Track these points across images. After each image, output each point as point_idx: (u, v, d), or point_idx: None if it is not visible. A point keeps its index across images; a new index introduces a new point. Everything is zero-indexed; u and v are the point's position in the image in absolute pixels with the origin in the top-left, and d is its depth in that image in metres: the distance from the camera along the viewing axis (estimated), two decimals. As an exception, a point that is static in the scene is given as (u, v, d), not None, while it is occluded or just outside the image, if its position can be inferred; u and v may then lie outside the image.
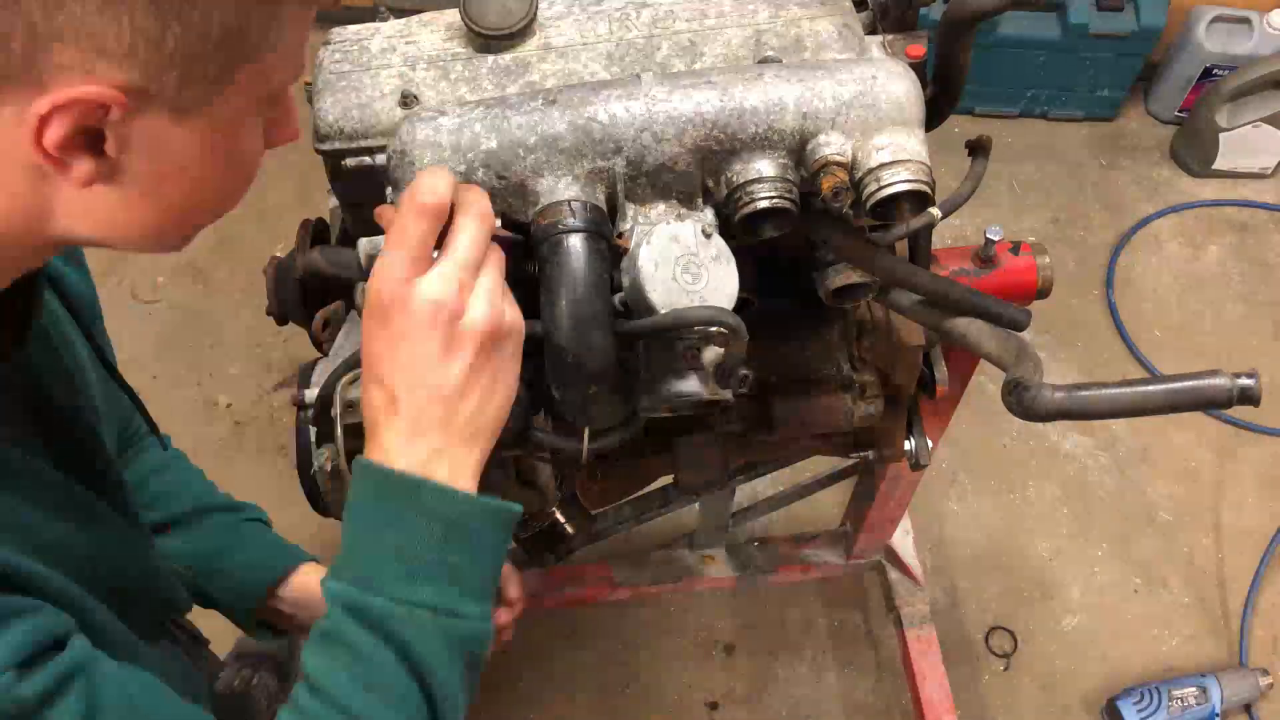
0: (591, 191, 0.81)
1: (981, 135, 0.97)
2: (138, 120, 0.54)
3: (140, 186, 0.57)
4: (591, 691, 2.03)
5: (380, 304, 0.63)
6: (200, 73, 0.55)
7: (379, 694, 0.63)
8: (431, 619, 0.64)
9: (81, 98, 0.51)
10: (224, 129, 0.59)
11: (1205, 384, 0.72)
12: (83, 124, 0.53)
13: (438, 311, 0.63)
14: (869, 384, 1.07)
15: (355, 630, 0.64)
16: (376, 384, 0.65)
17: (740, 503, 1.83)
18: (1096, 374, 2.41)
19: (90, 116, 0.53)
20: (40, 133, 0.52)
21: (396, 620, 0.63)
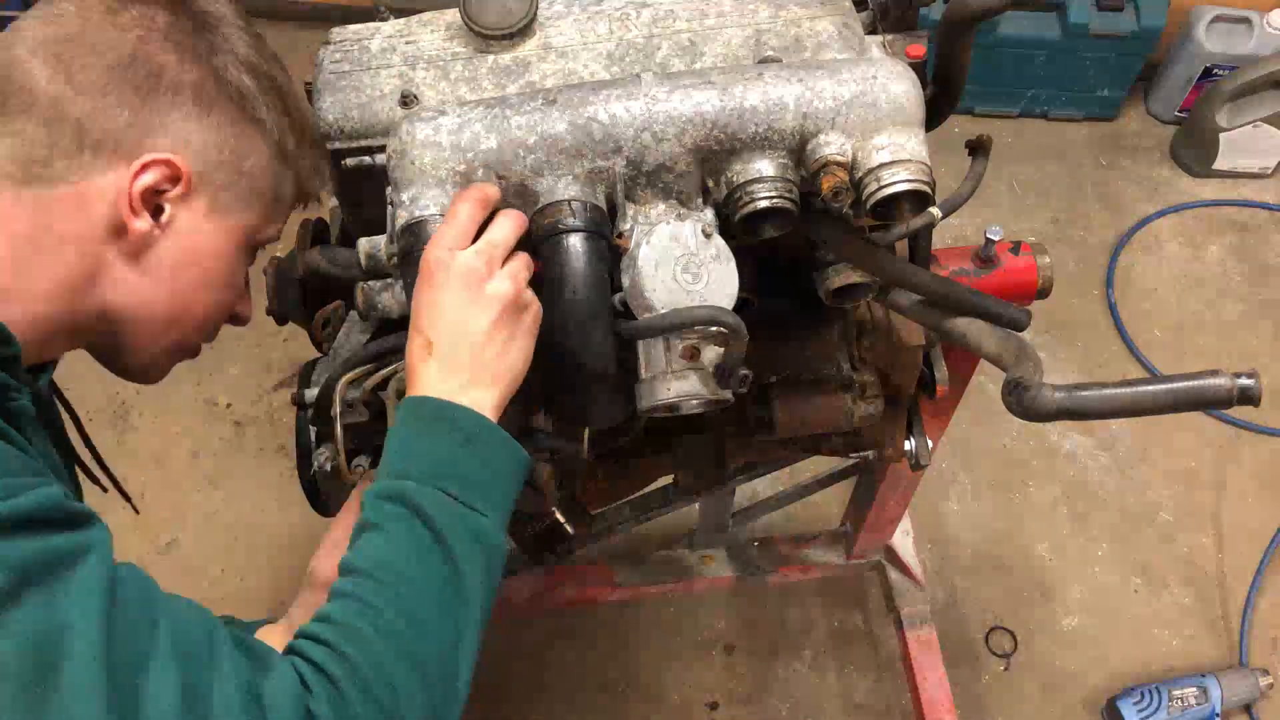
0: (591, 191, 0.81)
1: (982, 135, 0.97)
2: (186, 204, 0.74)
3: (168, 265, 0.74)
4: (591, 691, 2.03)
5: (427, 267, 0.76)
6: (240, 189, 0.77)
7: (411, 556, 0.69)
8: (454, 504, 0.72)
9: (172, 161, 0.72)
10: (233, 243, 0.78)
11: (1205, 384, 0.72)
12: (159, 185, 0.72)
13: (469, 274, 0.75)
14: (869, 384, 1.07)
15: (386, 508, 0.71)
16: (418, 332, 0.76)
17: (740, 503, 1.83)
18: (1096, 374, 2.41)
19: (165, 180, 0.72)
20: (137, 175, 0.71)
21: (424, 497, 0.71)
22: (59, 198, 0.70)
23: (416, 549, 0.69)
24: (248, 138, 0.77)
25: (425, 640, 0.67)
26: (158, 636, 0.58)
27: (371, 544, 0.70)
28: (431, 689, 0.66)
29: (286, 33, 2.88)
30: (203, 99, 0.74)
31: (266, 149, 0.78)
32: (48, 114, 0.69)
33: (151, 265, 0.74)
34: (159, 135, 0.72)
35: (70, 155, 0.70)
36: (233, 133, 0.76)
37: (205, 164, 0.74)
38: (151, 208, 0.72)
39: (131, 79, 0.71)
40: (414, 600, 0.68)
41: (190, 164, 0.73)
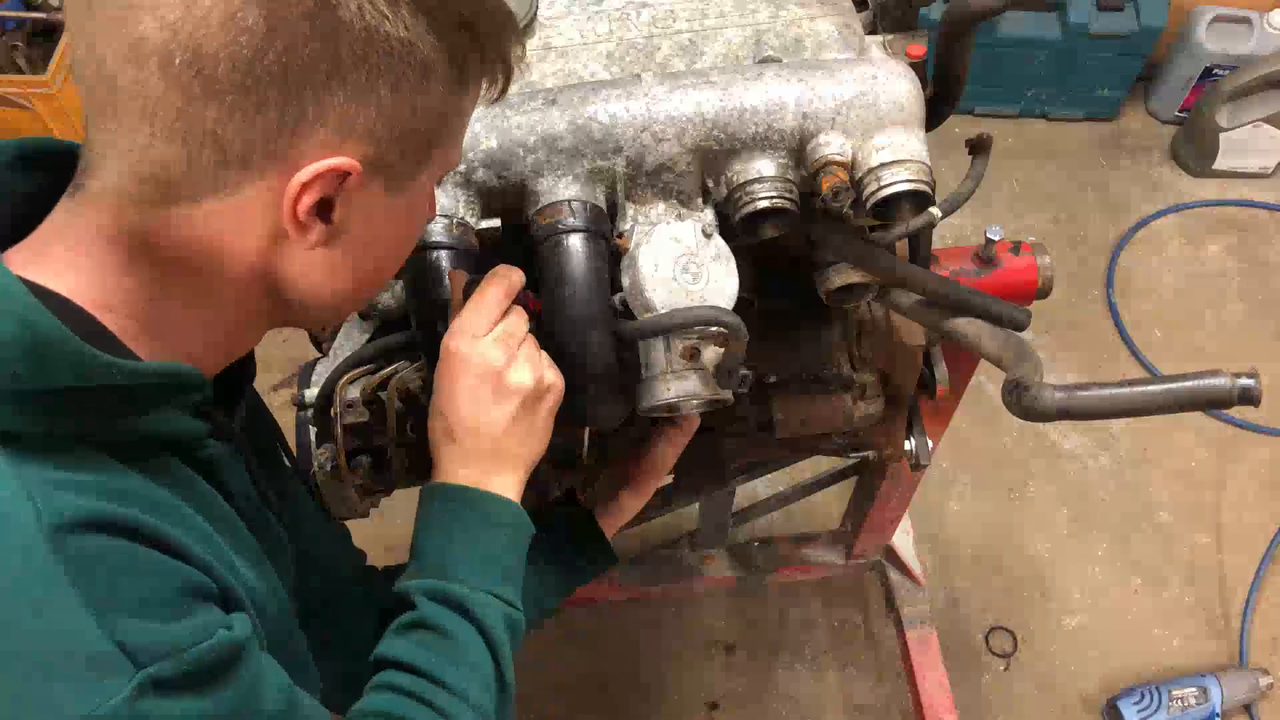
0: (591, 191, 0.81)
1: (982, 134, 0.97)
2: (362, 191, 0.62)
3: (350, 251, 0.65)
4: (591, 691, 2.03)
5: (449, 357, 0.77)
6: (414, 149, 0.64)
7: (466, 668, 0.74)
8: (499, 604, 0.76)
9: (336, 168, 0.59)
10: (418, 200, 0.69)
11: (1205, 384, 0.72)
12: (326, 193, 0.60)
13: (489, 368, 0.76)
14: (869, 384, 1.07)
15: (440, 612, 0.74)
16: (440, 416, 0.79)
17: (740, 503, 1.83)
18: (1096, 374, 2.41)
19: (332, 185, 0.60)
20: (298, 200, 0.59)
21: (474, 602, 0.75)
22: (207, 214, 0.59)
23: (475, 656, 0.75)
24: (416, 90, 0.61)
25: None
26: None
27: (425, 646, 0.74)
28: None
29: (286, 33, 2.88)
30: (355, 72, 0.58)
31: (439, 87, 0.63)
32: (174, 126, 0.56)
33: (326, 259, 0.64)
34: (316, 127, 0.58)
35: (212, 172, 0.57)
36: (398, 96, 0.60)
37: (375, 143, 0.61)
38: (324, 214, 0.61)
39: (271, 69, 0.55)
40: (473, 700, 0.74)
41: (356, 152, 0.60)
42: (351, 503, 1.00)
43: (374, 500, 1.05)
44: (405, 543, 0.81)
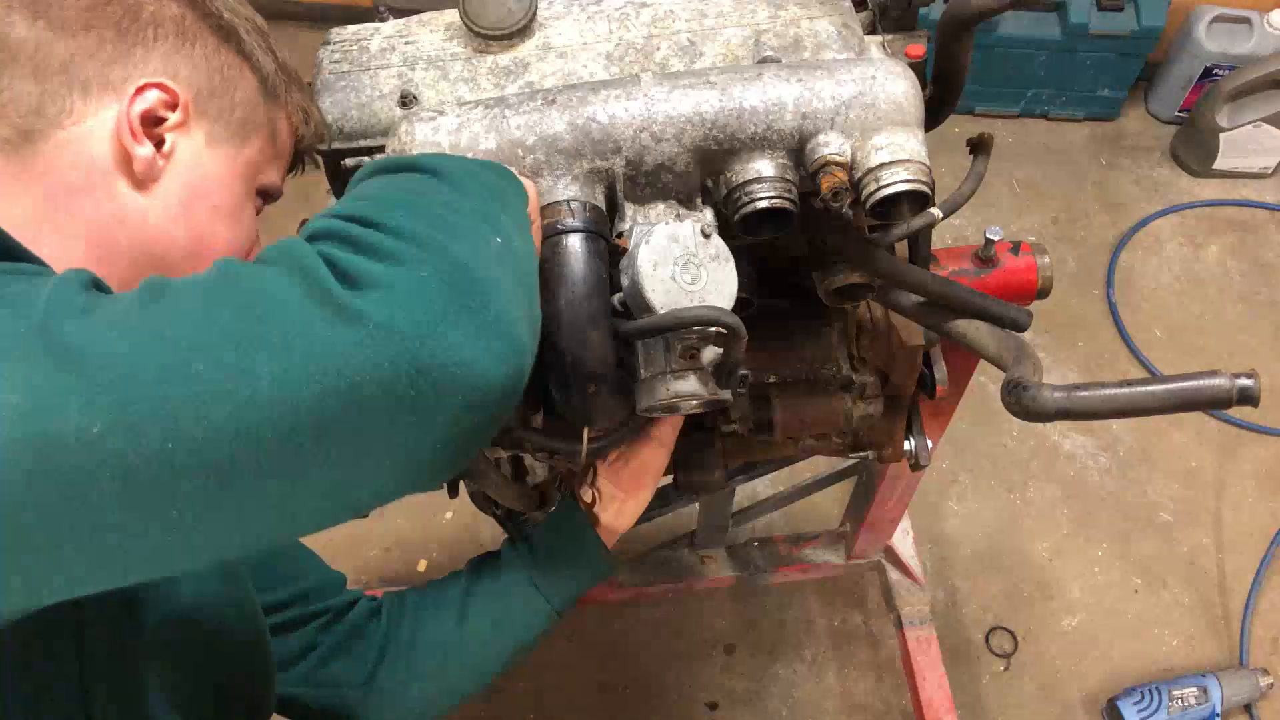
0: (590, 191, 0.81)
1: (983, 134, 0.97)
2: (186, 133, 0.71)
3: (178, 197, 0.71)
4: (591, 691, 2.03)
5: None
6: (231, 119, 0.74)
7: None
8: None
9: (166, 85, 0.70)
10: (236, 174, 0.75)
11: (1205, 384, 0.72)
12: (156, 110, 0.69)
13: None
14: (869, 384, 1.06)
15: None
16: None
17: (740, 503, 1.83)
18: (1096, 374, 2.41)
19: (163, 106, 0.70)
20: (131, 102, 0.68)
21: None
22: (58, 145, 0.67)
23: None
24: (235, 68, 0.75)
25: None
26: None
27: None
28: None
29: (286, 32, 2.89)
30: (185, 32, 0.72)
31: (255, 81, 0.77)
32: (33, 62, 0.67)
33: (162, 196, 0.71)
34: (145, 68, 0.70)
35: (60, 99, 0.67)
36: (220, 63, 0.74)
37: (197, 93, 0.72)
38: (154, 140, 0.70)
39: (110, 16, 0.69)
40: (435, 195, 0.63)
41: (182, 92, 0.71)
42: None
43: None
44: (405, 543, 0.81)
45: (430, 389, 0.52)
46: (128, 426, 0.46)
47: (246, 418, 0.48)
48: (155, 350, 0.48)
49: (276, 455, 0.49)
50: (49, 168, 0.67)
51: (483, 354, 0.54)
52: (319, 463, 0.51)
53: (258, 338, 0.49)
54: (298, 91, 0.82)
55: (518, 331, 0.58)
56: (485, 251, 0.59)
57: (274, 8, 2.90)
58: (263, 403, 0.48)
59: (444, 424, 0.54)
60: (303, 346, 0.49)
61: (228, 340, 0.49)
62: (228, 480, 0.49)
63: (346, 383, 0.50)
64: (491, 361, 0.55)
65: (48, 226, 0.67)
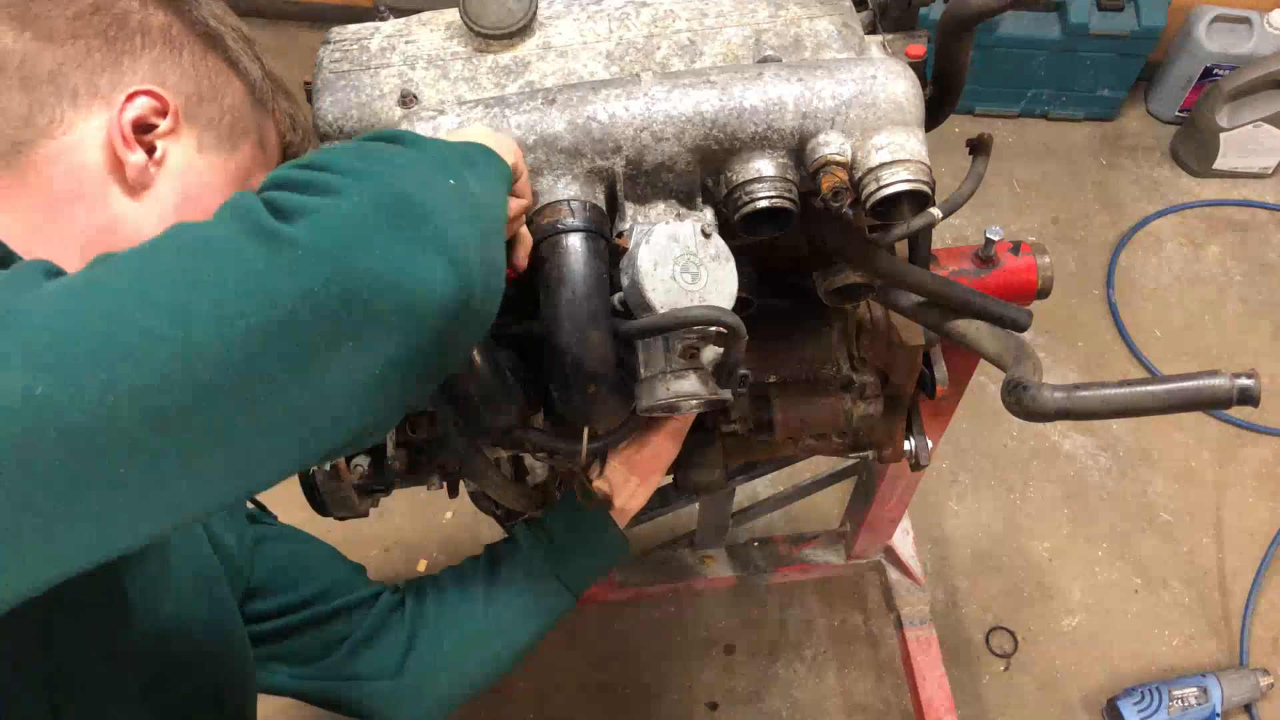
0: (591, 191, 0.81)
1: (982, 134, 0.97)
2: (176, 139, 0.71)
3: (170, 204, 0.71)
4: (591, 691, 2.03)
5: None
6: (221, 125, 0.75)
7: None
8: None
9: (156, 91, 0.70)
10: (228, 181, 0.75)
11: (1205, 384, 0.72)
12: (147, 117, 0.69)
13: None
14: (869, 384, 1.06)
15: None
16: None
17: (740, 503, 1.83)
18: (1096, 374, 2.41)
19: (153, 113, 0.70)
20: (123, 108, 0.68)
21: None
22: (49, 155, 0.67)
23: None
24: (223, 75, 0.76)
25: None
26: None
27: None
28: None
29: (286, 32, 2.88)
30: (172, 40, 0.73)
31: (242, 88, 0.77)
32: (20, 73, 0.67)
33: (155, 203, 0.71)
34: (134, 76, 0.70)
35: (49, 108, 0.67)
36: (208, 70, 0.74)
37: (186, 99, 0.72)
38: (145, 146, 0.70)
39: (97, 25, 0.69)
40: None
41: (172, 99, 0.71)
42: (351, 502, 1.00)
43: (373, 500, 1.05)
44: (406, 543, 0.81)
45: (360, 306, 0.51)
46: (67, 381, 0.45)
47: (186, 358, 0.47)
48: (94, 303, 0.47)
49: (220, 395, 0.48)
50: (41, 178, 0.67)
51: (416, 269, 0.53)
52: (265, 398, 0.49)
53: (192, 278, 0.49)
54: (284, 99, 0.82)
55: (459, 251, 0.56)
56: (434, 188, 0.58)
57: (274, 8, 2.90)
58: (200, 340, 0.47)
59: (386, 344, 0.53)
60: (235, 278, 0.49)
61: (163, 284, 0.48)
62: (174, 426, 0.47)
63: (280, 310, 0.49)
64: (426, 276, 0.54)
65: (42, 237, 0.66)
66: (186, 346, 0.47)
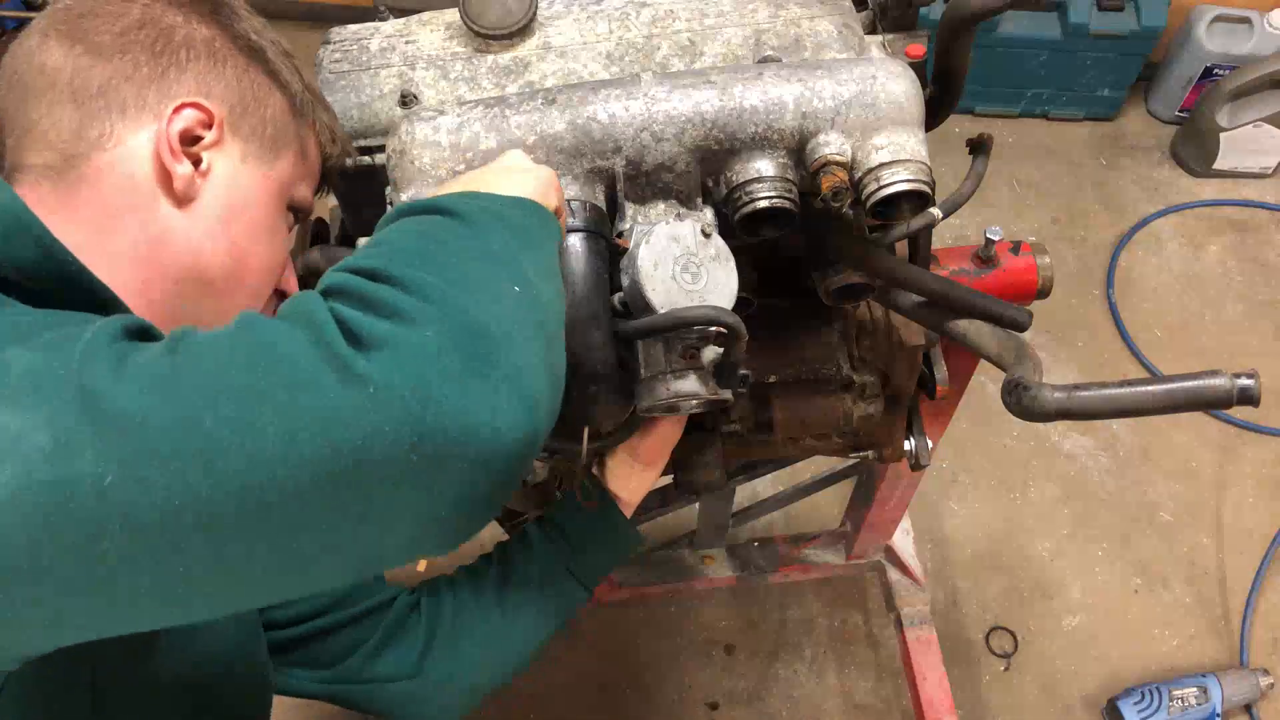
0: (591, 191, 0.81)
1: (983, 134, 0.97)
2: (222, 151, 0.73)
3: (217, 215, 0.72)
4: (591, 691, 2.03)
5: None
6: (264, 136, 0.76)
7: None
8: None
9: (202, 104, 0.71)
10: (271, 192, 0.76)
11: (1205, 384, 0.72)
12: (193, 129, 0.71)
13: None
14: (869, 384, 1.06)
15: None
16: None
17: (740, 503, 1.83)
18: (1096, 374, 2.41)
19: (199, 125, 0.71)
20: (171, 120, 0.70)
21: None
22: (99, 169, 0.69)
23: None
24: (265, 88, 0.77)
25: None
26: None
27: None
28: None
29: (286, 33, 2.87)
30: (216, 53, 0.74)
31: (284, 100, 0.79)
32: (71, 87, 0.69)
33: (202, 214, 0.72)
34: (181, 89, 0.72)
35: (100, 122, 0.69)
36: (250, 83, 0.76)
37: (230, 110, 0.74)
38: (191, 159, 0.71)
39: (144, 40, 0.71)
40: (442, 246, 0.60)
41: (216, 111, 0.73)
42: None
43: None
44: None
45: (434, 454, 0.51)
46: (137, 478, 0.47)
47: (251, 473, 0.48)
48: (168, 402, 0.48)
49: (280, 513, 0.49)
50: (93, 191, 0.69)
51: (490, 415, 0.52)
52: (325, 522, 0.51)
53: (263, 393, 0.49)
54: (324, 112, 0.83)
55: (532, 388, 0.55)
56: (501, 303, 0.57)
57: (274, 8, 2.90)
58: (267, 459, 0.48)
59: (452, 488, 0.53)
60: (307, 404, 0.49)
61: (234, 394, 0.49)
62: (233, 536, 0.49)
63: (350, 445, 0.49)
64: (501, 423, 0.53)
65: (95, 251, 0.67)
66: (253, 462, 0.48)
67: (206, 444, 0.47)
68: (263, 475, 0.48)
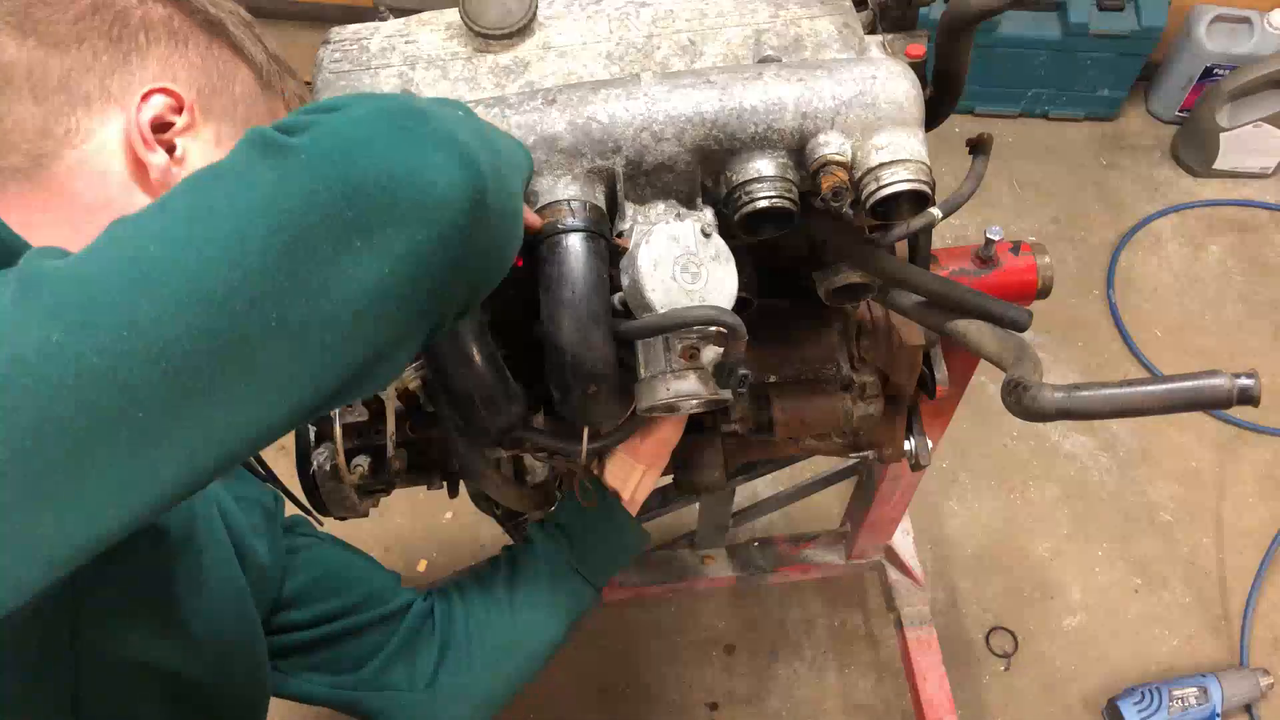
0: (591, 191, 0.81)
1: (982, 134, 0.97)
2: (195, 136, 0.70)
3: None
4: (591, 691, 2.03)
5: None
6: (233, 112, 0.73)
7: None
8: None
9: (169, 89, 0.69)
10: None
11: (1205, 384, 0.72)
12: (164, 115, 0.68)
13: None
14: (869, 384, 1.06)
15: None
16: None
17: (740, 503, 1.83)
18: (1096, 374, 2.41)
19: (170, 111, 0.69)
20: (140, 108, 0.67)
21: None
22: (70, 167, 0.66)
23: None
24: (230, 63, 0.75)
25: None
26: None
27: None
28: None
29: (286, 33, 2.88)
30: (176, 33, 0.71)
31: (251, 74, 0.76)
32: (29, 83, 0.65)
33: None
34: (145, 74, 0.69)
35: (64, 117, 0.66)
36: (215, 60, 0.73)
37: (199, 93, 0.71)
38: (165, 146, 0.69)
39: (100, 26, 0.67)
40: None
41: (185, 94, 0.70)
42: (351, 502, 1.00)
43: (373, 500, 1.05)
44: (406, 543, 0.81)
45: (365, 201, 0.51)
46: (83, 324, 0.44)
47: (201, 281, 0.46)
48: (109, 250, 0.47)
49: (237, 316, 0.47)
50: (67, 190, 0.66)
51: (420, 165, 0.52)
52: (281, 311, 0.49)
53: (205, 206, 0.49)
54: (291, 79, 0.82)
55: (462, 144, 0.55)
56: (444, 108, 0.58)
57: (274, 8, 2.90)
58: (214, 261, 0.47)
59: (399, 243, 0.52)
60: (244, 196, 0.49)
61: (178, 219, 0.48)
62: (193, 355, 0.46)
63: (287, 216, 0.49)
64: (434, 175, 0.53)
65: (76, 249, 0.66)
66: (200, 269, 0.47)
67: (150, 269, 0.46)
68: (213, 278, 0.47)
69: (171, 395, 0.46)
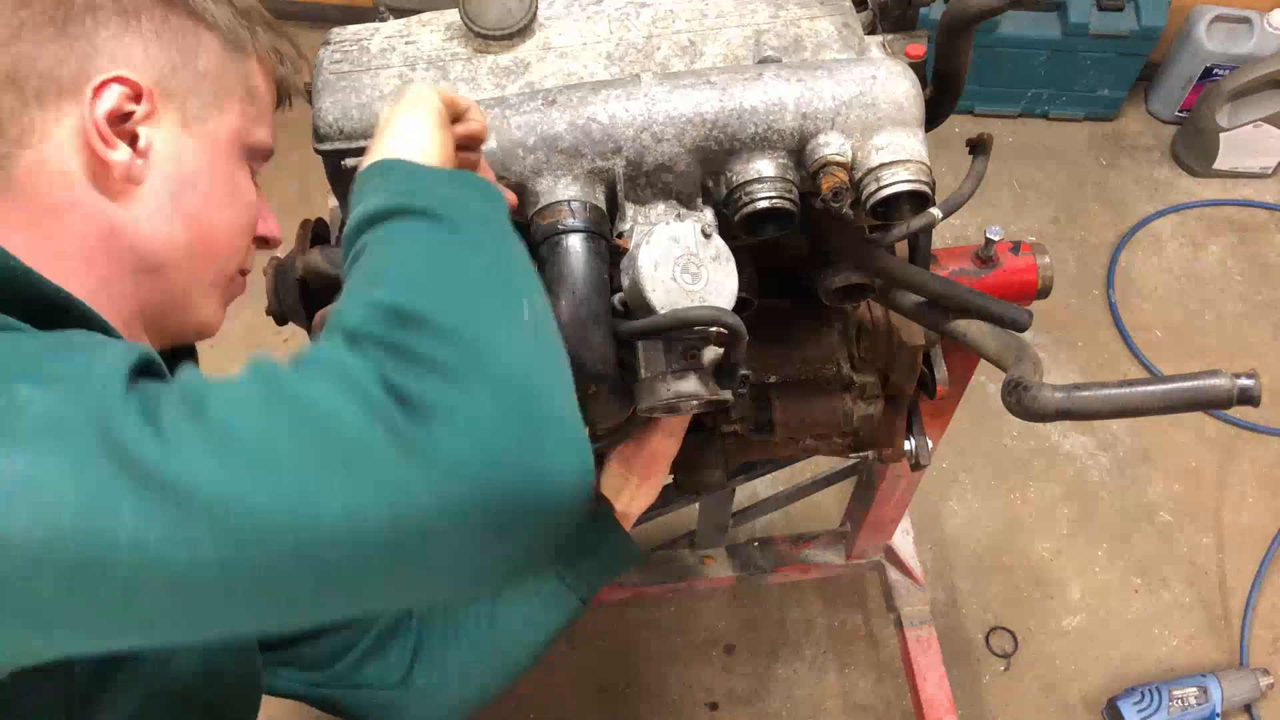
0: (591, 191, 0.81)
1: (982, 134, 0.97)
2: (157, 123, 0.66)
3: (167, 194, 0.67)
4: (591, 691, 2.03)
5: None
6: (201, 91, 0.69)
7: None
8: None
9: (123, 77, 0.64)
10: (222, 153, 0.71)
11: (1205, 384, 0.72)
12: (121, 107, 0.64)
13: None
14: (869, 384, 1.07)
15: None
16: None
17: (740, 503, 1.83)
18: (1096, 374, 2.41)
19: (127, 100, 0.64)
20: (93, 103, 0.63)
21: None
22: (29, 168, 0.63)
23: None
24: (190, 34, 0.69)
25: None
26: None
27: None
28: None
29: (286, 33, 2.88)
30: (125, 9, 0.66)
31: (215, 41, 0.71)
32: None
33: (150, 198, 0.66)
34: (96, 60, 0.64)
35: (16, 116, 0.62)
36: (172, 35, 0.67)
37: (158, 75, 0.66)
38: (126, 138, 0.65)
39: (41, 12, 0.63)
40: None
41: (143, 79, 0.65)
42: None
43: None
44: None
45: (503, 518, 0.50)
46: (184, 541, 0.45)
47: (310, 548, 0.46)
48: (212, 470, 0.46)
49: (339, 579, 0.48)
50: (28, 193, 0.63)
51: (552, 471, 0.51)
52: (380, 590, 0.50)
53: (319, 467, 0.46)
54: (264, 31, 0.76)
55: (575, 428, 0.54)
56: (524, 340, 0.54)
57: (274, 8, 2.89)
58: (328, 535, 0.46)
59: (521, 544, 0.52)
60: (369, 479, 0.47)
61: (287, 466, 0.46)
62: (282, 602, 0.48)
63: (417, 519, 0.47)
64: (561, 475, 0.51)
65: (44, 255, 0.63)
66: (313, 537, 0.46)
67: (260, 518, 0.45)
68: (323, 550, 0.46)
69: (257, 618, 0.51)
